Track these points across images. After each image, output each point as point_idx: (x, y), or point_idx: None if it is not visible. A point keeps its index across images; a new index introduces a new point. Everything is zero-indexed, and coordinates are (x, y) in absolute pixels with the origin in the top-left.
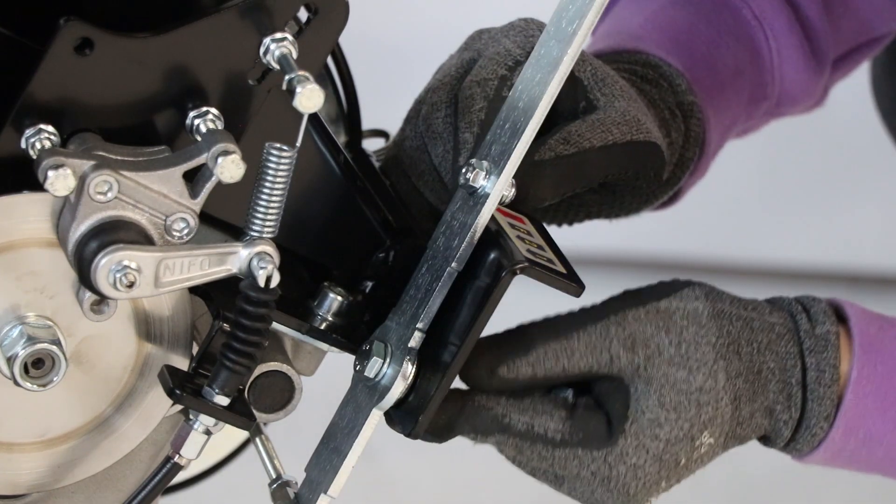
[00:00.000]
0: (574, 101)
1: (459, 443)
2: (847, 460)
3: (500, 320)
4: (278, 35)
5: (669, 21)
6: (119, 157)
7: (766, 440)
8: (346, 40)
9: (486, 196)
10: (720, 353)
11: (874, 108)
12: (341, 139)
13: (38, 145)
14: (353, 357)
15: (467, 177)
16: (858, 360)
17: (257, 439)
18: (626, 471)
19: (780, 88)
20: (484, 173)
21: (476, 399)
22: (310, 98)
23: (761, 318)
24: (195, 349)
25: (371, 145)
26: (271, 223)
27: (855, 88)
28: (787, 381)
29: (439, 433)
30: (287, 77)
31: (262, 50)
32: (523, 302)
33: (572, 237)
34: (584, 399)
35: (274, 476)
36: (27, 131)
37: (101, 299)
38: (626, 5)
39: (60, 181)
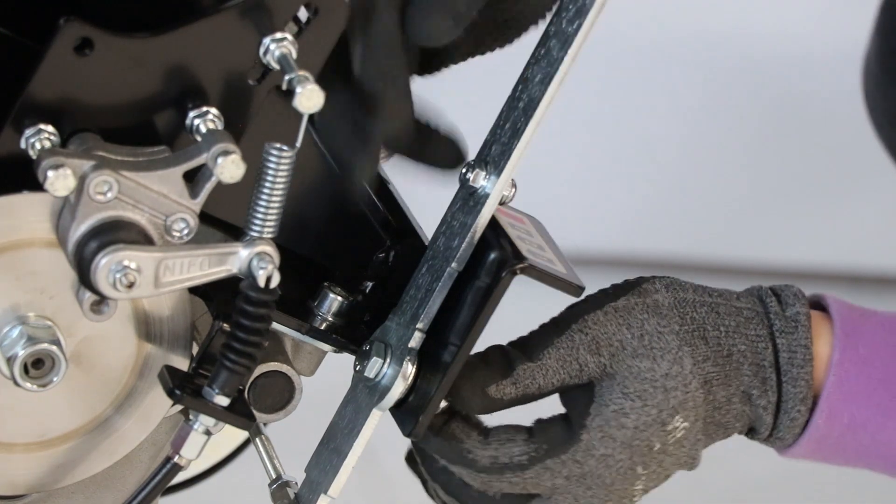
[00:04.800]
0: None
1: None
2: (833, 450)
3: (501, 320)
4: (278, 35)
5: None
6: (119, 158)
7: (752, 432)
8: None
9: (487, 196)
10: (684, 340)
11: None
12: None
13: (37, 145)
14: (353, 357)
15: (467, 177)
16: (839, 342)
17: (257, 439)
18: (597, 462)
19: None
20: (484, 173)
21: (452, 425)
22: (310, 98)
23: (727, 303)
24: (195, 349)
25: None
26: (271, 223)
27: (855, 89)
28: (760, 363)
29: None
30: (287, 77)
31: (261, 50)
32: (523, 302)
33: (572, 237)
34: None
35: (274, 476)
36: (27, 131)
37: (101, 299)
38: None
39: (60, 181)
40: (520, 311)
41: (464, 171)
